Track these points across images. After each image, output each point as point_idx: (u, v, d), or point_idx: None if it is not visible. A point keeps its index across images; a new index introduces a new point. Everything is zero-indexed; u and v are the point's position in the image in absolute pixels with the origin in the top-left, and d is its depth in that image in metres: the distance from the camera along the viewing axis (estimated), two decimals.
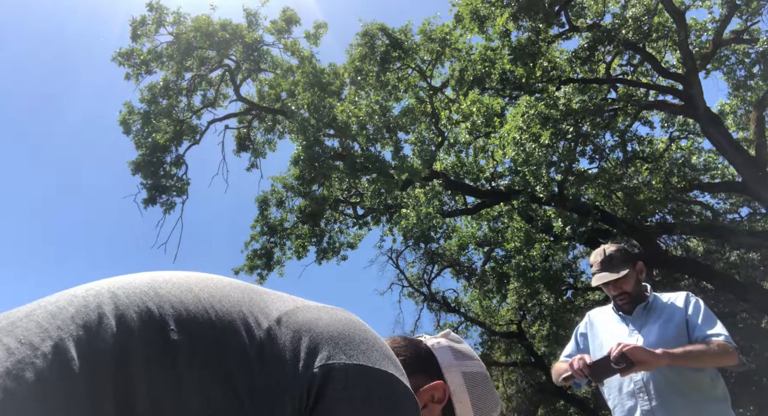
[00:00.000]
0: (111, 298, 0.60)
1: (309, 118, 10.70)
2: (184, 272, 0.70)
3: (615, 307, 2.33)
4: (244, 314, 0.63)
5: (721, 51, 10.55)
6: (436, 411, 0.82)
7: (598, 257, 2.28)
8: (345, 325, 0.68)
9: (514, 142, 9.46)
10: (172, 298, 0.62)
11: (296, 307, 0.69)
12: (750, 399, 10.84)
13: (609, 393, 2.22)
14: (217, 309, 0.62)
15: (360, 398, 0.60)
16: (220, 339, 0.59)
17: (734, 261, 11.67)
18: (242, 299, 0.66)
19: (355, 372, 0.61)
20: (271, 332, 0.63)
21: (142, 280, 0.65)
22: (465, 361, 0.87)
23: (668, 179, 10.50)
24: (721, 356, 1.94)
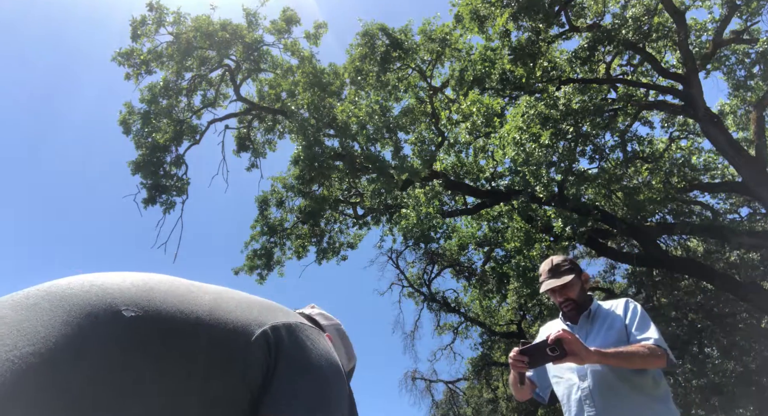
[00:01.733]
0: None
1: (309, 118, 10.70)
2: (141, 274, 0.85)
3: (562, 317, 2.47)
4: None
5: (721, 51, 10.54)
6: None
7: (545, 267, 2.44)
8: (263, 301, 0.92)
9: (514, 142, 9.46)
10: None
11: (224, 290, 0.91)
12: (750, 399, 10.84)
13: (561, 401, 2.35)
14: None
15: (303, 344, 0.85)
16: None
17: (734, 261, 11.67)
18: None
19: (293, 328, 0.86)
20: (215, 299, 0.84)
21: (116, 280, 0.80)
22: (332, 321, 1.18)
23: (668, 179, 10.50)
24: (649, 357, 2.07)
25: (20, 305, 0.69)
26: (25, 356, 0.61)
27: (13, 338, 0.63)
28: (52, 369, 0.62)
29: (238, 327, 0.78)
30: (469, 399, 17.52)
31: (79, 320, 0.67)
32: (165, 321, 0.73)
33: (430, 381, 16.94)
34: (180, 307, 0.77)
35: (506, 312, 15.04)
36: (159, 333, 0.71)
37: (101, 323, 0.68)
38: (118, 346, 0.67)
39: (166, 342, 0.71)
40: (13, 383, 0.60)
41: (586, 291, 2.46)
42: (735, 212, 12.45)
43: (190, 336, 0.73)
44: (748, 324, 11.54)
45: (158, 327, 0.72)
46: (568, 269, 2.38)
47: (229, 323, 0.78)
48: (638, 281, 12.78)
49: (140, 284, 0.79)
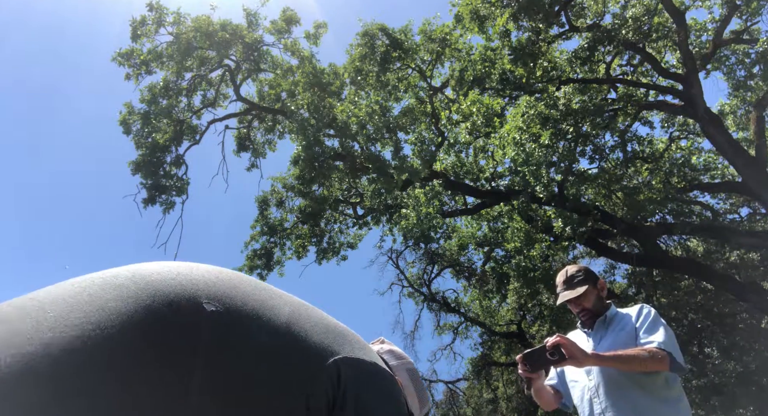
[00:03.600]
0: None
1: (309, 118, 10.70)
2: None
3: (580, 325, 2.51)
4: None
5: (721, 51, 10.54)
6: None
7: (560, 278, 2.47)
8: (347, 330, 0.88)
9: (514, 142, 9.46)
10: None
11: (300, 305, 0.86)
12: (750, 399, 10.84)
13: (577, 404, 2.39)
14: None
15: (374, 395, 0.77)
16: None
17: (734, 261, 11.67)
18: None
19: (365, 370, 0.79)
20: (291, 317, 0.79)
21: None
22: (404, 360, 1.05)
23: (668, 179, 10.50)
24: (648, 361, 2.08)
25: (108, 284, 0.69)
26: (108, 336, 0.62)
27: (97, 316, 0.63)
28: (127, 352, 0.62)
29: (311, 351, 0.74)
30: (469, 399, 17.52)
31: (161, 307, 0.68)
32: (242, 324, 0.72)
33: (430, 381, 16.93)
34: (259, 313, 0.74)
35: (506, 312, 15.03)
36: (234, 335, 0.70)
37: (181, 313, 0.68)
38: (191, 340, 0.67)
39: (238, 346, 0.69)
40: (96, 361, 0.60)
41: (604, 299, 2.47)
42: (735, 212, 12.45)
43: (264, 348, 0.71)
44: (748, 324, 11.54)
45: (235, 329, 0.70)
46: (582, 280, 2.40)
47: (304, 344, 0.74)
48: (638, 281, 12.78)
49: (225, 279, 0.78)
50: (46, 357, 0.57)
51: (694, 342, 11.83)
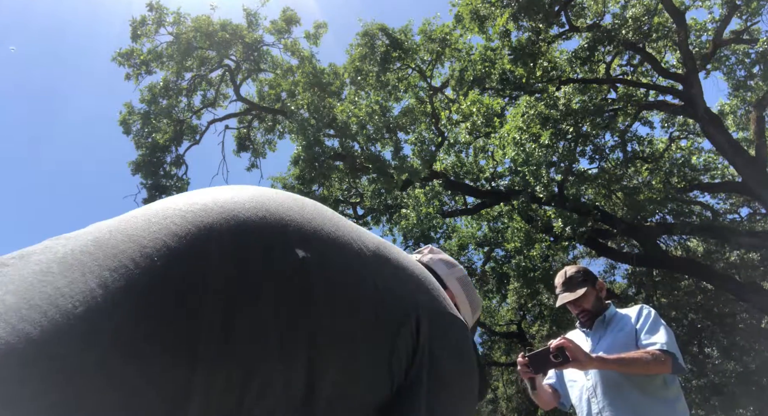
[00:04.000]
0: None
1: (309, 118, 10.70)
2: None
3: (579, 325, 2.52)
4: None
5: (721, 51, 10.54)
6: None
7: (559, 280, 2.47)
8: (423, 269, 0.76)
9: (514, 142, 9.46)
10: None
11: (381, 241, 0.74)
12: (750, 399, 10.84)
13: (575, 404, 2.39)
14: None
15: (453, 344, 0.70)
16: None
17: (734, 261, 11.67)
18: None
19: (445, 319, 0.71)
20: (380, 250, 0.70)
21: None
22: (455, 268, 1.00)
23: (668, 179, 10.50)
24: (650, 364, 2.09)
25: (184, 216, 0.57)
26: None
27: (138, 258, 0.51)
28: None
29: (395, 302, 0.64)
30: None
31: (246, 252, 0.56)
32: (329, 273, 0.60)
33: None
34: (345, 258, 0.63)
35: (506, 312, 15.03)
36: (318, 284, 0.58)
37: (274, 258, 0.57)
38: (280, 291, 0.55)
39: (322, 296, 0.58)
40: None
41: (603, 299, 2.48)
42: (735, 212, 12.46)
43: (351, 301, 0.60)
44: (748, 324, 11.54)
45: (320, 278, 0.59)
46: (582, 281, 2.41)
47: (388, 293, 0.64)
48: (638, 281, 12.78)
49: (309, 216, 0.65)
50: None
51: (694, 342, 11.83)
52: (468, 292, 0.98)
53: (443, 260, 1.00)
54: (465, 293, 0.97)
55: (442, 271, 0.97)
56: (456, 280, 0.97)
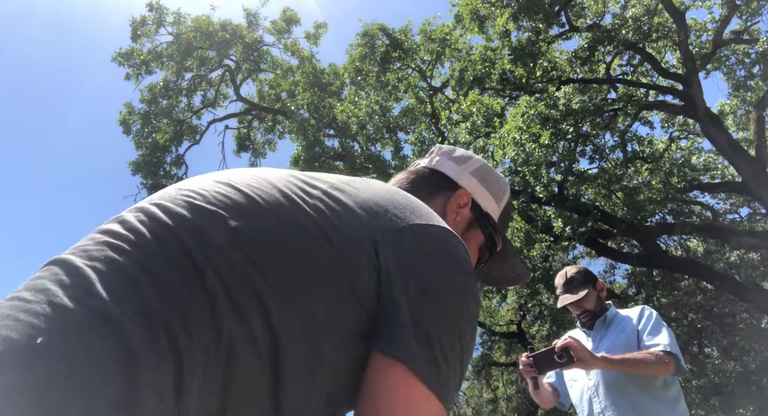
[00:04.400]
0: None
1: (309, 118, 10.71)
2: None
3: (579, 325, 2.54)
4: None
5: (721, 51, 10.54)
6: (466, 213, 0.92)
7: (560, 280, 2.48)
8: (388, 192, 0.73)
9: (514, 142, 9.46)
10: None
11: (334, 181, 0.72)
12: (750, 399, 10.84)
13: (575, 404, 2.40)
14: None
15: (425, 252, 0.65)
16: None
17: (734, 261, 11.67)
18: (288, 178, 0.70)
19: (416, 231, 0.66)
20: (328, 195, 0.67)
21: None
22: (467, 162, 0.96)
23: (668, 179, 10.50)
24: (655, 365, 2.10)
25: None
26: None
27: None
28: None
29: (348, 237, 0.63)
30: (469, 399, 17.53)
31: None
32: (260, 233, 0.60)
33: None
34: (274, 213, 0.63)
35: (506, 312, 15.04)
36: (255, 247, 0.58)
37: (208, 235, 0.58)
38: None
39: (261, 256, 0.58)
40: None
41: (603, 300, 2.49)
42: (735, 212, 12.46)
43: (294, 251, 0.60)
44: (748, 324, 11.54)
45: (256, 241, 0.59)
46: (583, 282, 2.41)
47: (336, 232, 0.63)
48: (638, 281, 12.78)
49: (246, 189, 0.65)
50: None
51: (694, 342, 11.83)
52: (486, 182, 0.95)
53: (453, 157, 0.96)
54: (483, 185, 0.94)
55: (451, 170, 0.94)
56: (470, 175, 0.94)
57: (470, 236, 0.92)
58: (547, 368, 2.14)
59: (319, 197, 0.67)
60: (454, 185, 0.93)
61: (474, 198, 0.93)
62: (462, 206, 0.91)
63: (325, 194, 0.68)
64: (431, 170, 0.95)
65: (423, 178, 0.93)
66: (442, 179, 0.93)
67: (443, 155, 0.97)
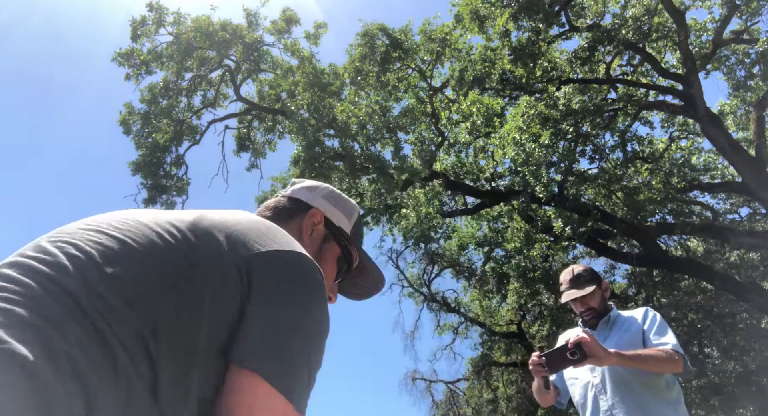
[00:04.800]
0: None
1: (309, 118, 10.70)
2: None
3: (582, 323, 2.52)
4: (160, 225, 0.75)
5: (721, 51, 10.54)
6: (321, 229, 1.05)
7: (566, 276, 2.48)
8: (250, 222, 0.82)
9: (514, 142, 9.46)
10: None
11: (202, 213, 0.80)
12: (750, 399, 10.84)
13: (577, 402, 2.39)
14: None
15: (282, 278, 0.75)
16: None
17: (734, 261, 11.66)
18: (153, 218, 0.78)
19: (274, 257, 0.76)
20: (195, 229, 0.75)
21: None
22: (317, 189, 1.11)
23: (668, 179, 10.49)
24: (666, 361, 2.11)
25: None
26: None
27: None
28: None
29: (210, 264, 0.71)
30: (469, 399, 17.52)
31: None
32: (127, 269, 0.69)
33: (430, 381, 16.94)
34: (141, 251, 0.71)
35: (506, 312, 15.03)
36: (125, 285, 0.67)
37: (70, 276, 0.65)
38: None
39: (130, 295, 0.66)
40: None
41: (606, 300, 2.50)
42: (735, 212, 12.45)
43: (159, 280, 0.68)
44: (748, 324, 11.53)
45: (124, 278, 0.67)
46: (589, 280, 2.42)
47: (201, 259, 0.71)
48: (638, 281, 12.77)
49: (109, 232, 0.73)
50: None
51: (694, 342, 11.82)
52: (336, 202, 1.09)
53: (304, 187, 1.11)
54: (333, 205, 1.08)
55: (305, 196, 1.08)
56: (321, 198, 1.08)
57: (328, 249, 1.05)
58: (559, 367, 2.11)
59: (188, 231, 0.74)
60: (308, 208, 1.07)
61: (326, 216, 1.07)
62: (317, 223, 1.05)
63: (193, 228, 0.75)
64: (288, 198, 1.08)
65: (282, 206, 1.06)
66: (298, 204, 1.07)
67: (297, 185, 1.12)
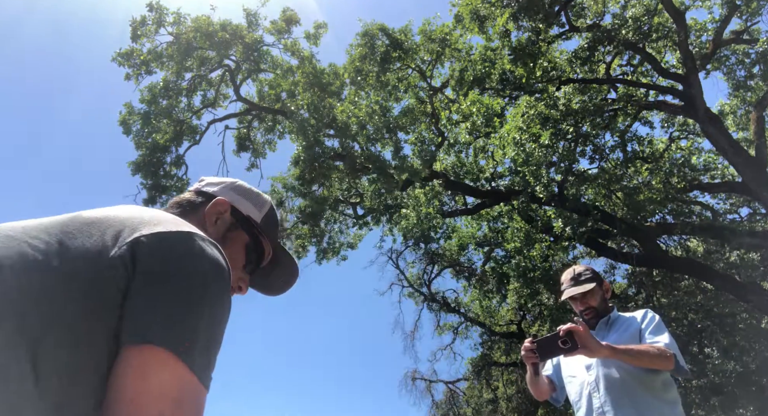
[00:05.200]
0: None
1: (309, 118, 10.70)
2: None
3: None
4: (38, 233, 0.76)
5: (721, 51, 10.54)
6: (227, 218, 1.06)
7: (567, 276, 2.51)
8: (132, 210, 0.84)
9: (514, 142, 9.46)
10: None
11: (79, 213, 0.82)
12: (750, 399, 10.84)
13: (573, 400, 2.39)
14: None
15: (168, 255, 0.75)
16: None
17: (734, 261, 11.66)
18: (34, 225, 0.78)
19: (157, 238, 0.77)
20: (65, 234, 0.75)
21: None
22: (224, 184, 1.12)
23: (668, 179, 10.49)
24: (657, 357, 2.11)
25: None
26: None
27: None
28: None
29: (89, 259, 0.72)
30: (469, 399, 17.52)
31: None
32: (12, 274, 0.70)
33: (430, 381, 16.95)
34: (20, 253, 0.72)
35: (506, 312, 15.04)
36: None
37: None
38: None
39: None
40: None
41: (607, 301, 2.52)
42: (735, 212, 12.45)
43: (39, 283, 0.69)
44: (748, 324, 11.53)
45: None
46: (590, 278, 2.44)
47: (79, 255, 0.72)
48: (638, 281, 12.78)
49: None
50: None
51: (694, 342, 11.82)
52: (243, 193, 1.12)
53: (211, 181, 1.13)
54: (239, 195, 1.10)
55: (211, 189, 1.10)
56: (229, 190, 1.10)
57: (235, 237, 1.06)
58: (550, 354, 2.10)
59: (59, 232, 0.76)
60: (212, 198, 1.08)
61: (234, 205, 1.08)
62: (222, 212, 1.05)
63: (65, 227, 0.77)
64: (195, 192, 1.10)
65: (187, 200, 1.07)
66: (204, 196, 1.08)
67: (204, 181, 1.15)
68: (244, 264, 1.07)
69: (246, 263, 1.08)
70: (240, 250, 1.06)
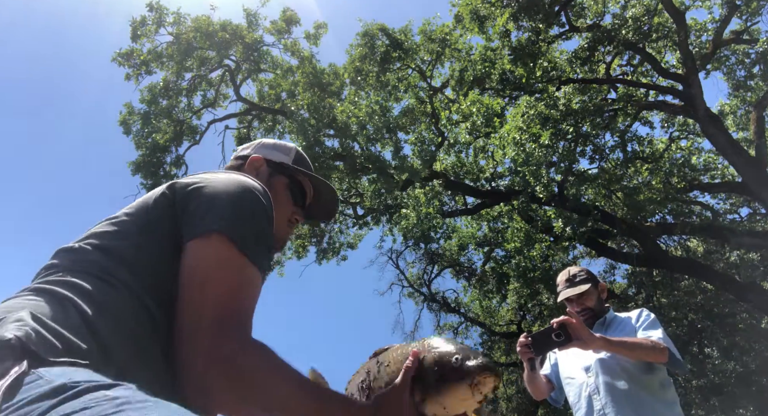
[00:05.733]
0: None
1: (309, 118, 10.70)
2: None
3: None
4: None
5: (721, 51, 10.54)
6: (264, 169, 1.28)
7: (563, 277, 2.54)
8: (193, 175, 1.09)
9: (514, 142, 9.46)
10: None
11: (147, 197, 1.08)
12: (750, 399, 10.84)
13: (572, 402, 2.40)
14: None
15: (212, 180, 1.03)
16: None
17: (734, 261, 11.66)
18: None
19: (200, 179, 1.03)
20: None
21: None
22: (252, 144, 1.36)
23: (668, 179, 10.49)
24: (651, 350, 2.12)
25: None
26: None
27: None
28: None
29: (155, 203, 1.00)
30: None
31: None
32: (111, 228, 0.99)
33: None
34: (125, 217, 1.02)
35: (506, 312, 15.03)
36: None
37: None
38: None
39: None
40: None
41: (603, 301, 2.53)
42: (735, 212, 12.45)
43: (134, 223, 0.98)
44: (748, 324, 11.54)
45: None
46: (585, 280, 2.46)
47: (150, 206, 1.00)
48: (638, 281, 12.78)
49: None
50: None
51: (694, 342, 11.83)
52: (272, 147, 1.34)
53: (242, 147, 1.37)
54: (267, 149, 1.33)
55: (246, 151, 1.34)
56: (260, 148, 1.34)
57: (276, 181, 1.28)
58: (545, 348, 2.10)
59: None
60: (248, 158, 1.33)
61: (266, 158, 1.30)
62: (258, 165, 1.28)
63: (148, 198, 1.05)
64: (235, 158, 1.34)
65: (231, 165, 1.32)
66: (242, 159, 1.31)
67: (239, 149, 1.38)
68: (293, 201, 1.29)
69: (294, 200, 1.29)
70: (284, 190, 1.28)
